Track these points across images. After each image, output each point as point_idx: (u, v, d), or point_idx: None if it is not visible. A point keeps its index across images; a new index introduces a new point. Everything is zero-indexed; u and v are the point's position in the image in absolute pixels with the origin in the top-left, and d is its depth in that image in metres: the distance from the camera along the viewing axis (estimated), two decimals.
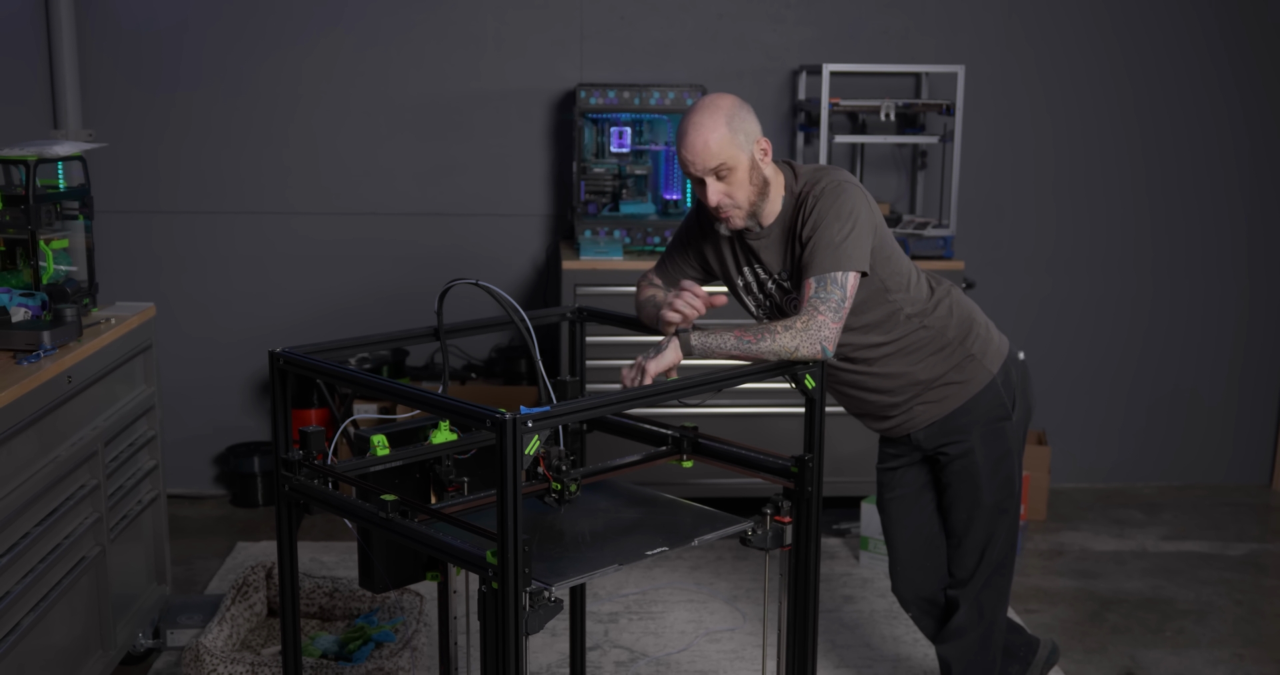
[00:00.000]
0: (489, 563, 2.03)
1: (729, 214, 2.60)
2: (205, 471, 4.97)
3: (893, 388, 2.79)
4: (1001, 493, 2.86)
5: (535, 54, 4.76)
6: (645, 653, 3.61)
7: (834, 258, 2.50)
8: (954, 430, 2.82)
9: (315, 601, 3.63)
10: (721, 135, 2.51)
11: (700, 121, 2.53)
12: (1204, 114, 4.97)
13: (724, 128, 2.52)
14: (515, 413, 1.99)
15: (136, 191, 4.73)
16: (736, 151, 2.53)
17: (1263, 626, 3.88)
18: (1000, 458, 2.85)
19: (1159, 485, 5.21)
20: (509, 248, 4.88)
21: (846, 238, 2.51)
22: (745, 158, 2.55)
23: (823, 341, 2.45)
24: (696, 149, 2.53)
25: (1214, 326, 5.13)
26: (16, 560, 2.66)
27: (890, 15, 4.83)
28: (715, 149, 2.52)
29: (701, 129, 2.52)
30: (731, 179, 2.55)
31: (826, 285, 2.49)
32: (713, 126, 2.52)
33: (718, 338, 2.48)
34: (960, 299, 2.83)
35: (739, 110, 2.55)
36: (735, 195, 2.57)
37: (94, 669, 3.07)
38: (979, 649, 2.95)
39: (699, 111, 2.54)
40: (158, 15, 4.63)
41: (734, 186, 2.56)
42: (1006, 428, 2.84)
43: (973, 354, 2.79)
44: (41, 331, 2.86)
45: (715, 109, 2.54)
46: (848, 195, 2.55)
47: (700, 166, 2.54)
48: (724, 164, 2.53)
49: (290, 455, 2.41)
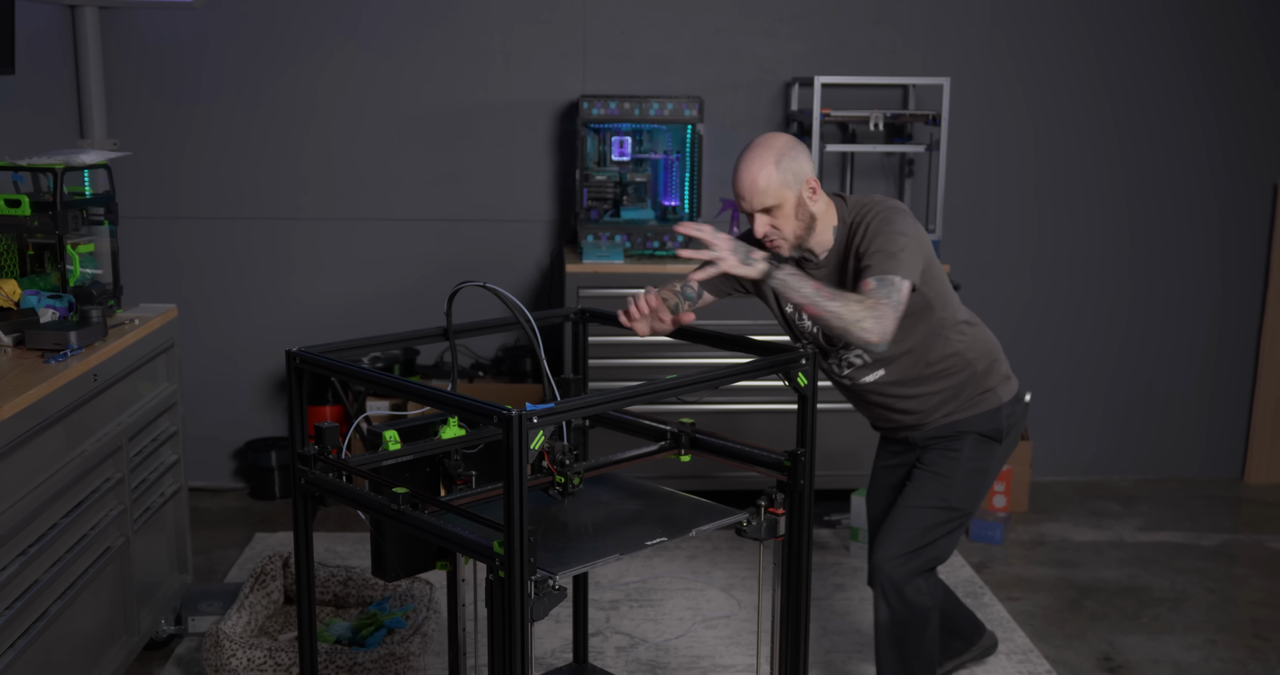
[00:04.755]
0: (496, 552, 2.04)
1: (776, 244, 2.65)
2: (225, 465, 4.97)
3: (920, 409, 2.84)
4: (965, 501, 2.86)
5: (540, 67, 4.76)
6: (645, 638, 3.61)
7: (890, 263, 2.52)
8: (950, 435, 2.87)
9: (330, 589, 3.63)
10: (770, 175, 2.55)
11: (751, 160, 2.56)
12: (1178, 123, 4.97)
13: (773, 168, 2.55)
14: (521, 409, 1.99)
15: (159, 198, 4.73)
16: (784, 191, 2.57)
17: (1234, 613, 3.88)
18: (976, 471, 2.86)
19: (1135, 478, 5.21)
20: (515, 252, 4.88)
21: (902, 249, 2.54)
22: (792, 196, 2.58)
23: (883, 332, 2.45)
24: (745, 187, 2.57)
25: (1188, 327, 5.13)
26: (45, 550, 2.66)
27: (879, 30, 4.82)
28: (763, 188, 2.56)
29: (752, 168, 2.56)
30: (778, 215, 2.60)
31: (886, 284, 2.50)
32: (762, 166, 2.55)
33: (798, 280, 2.48)
34: (987, 334, 2.87)
35: (789, 150, 2.57)
36: (782, 229, 2.62)
37: (118, 654, 3.07)
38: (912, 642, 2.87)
39: (752, 150, 2.58)
40: (180, 31, 4.63)
41: (781, 221, 2.61)
42: (994, 448, 2.87)
43: (992, 388, 2.83)
44: (68, 332, 2.86)
45: (767, 149, 2.57)
46: (901, 218, 2.61)
47: (749, 205, 2.59)
48: (771, 205, 2.58)
49: (306, 450, 2.41)
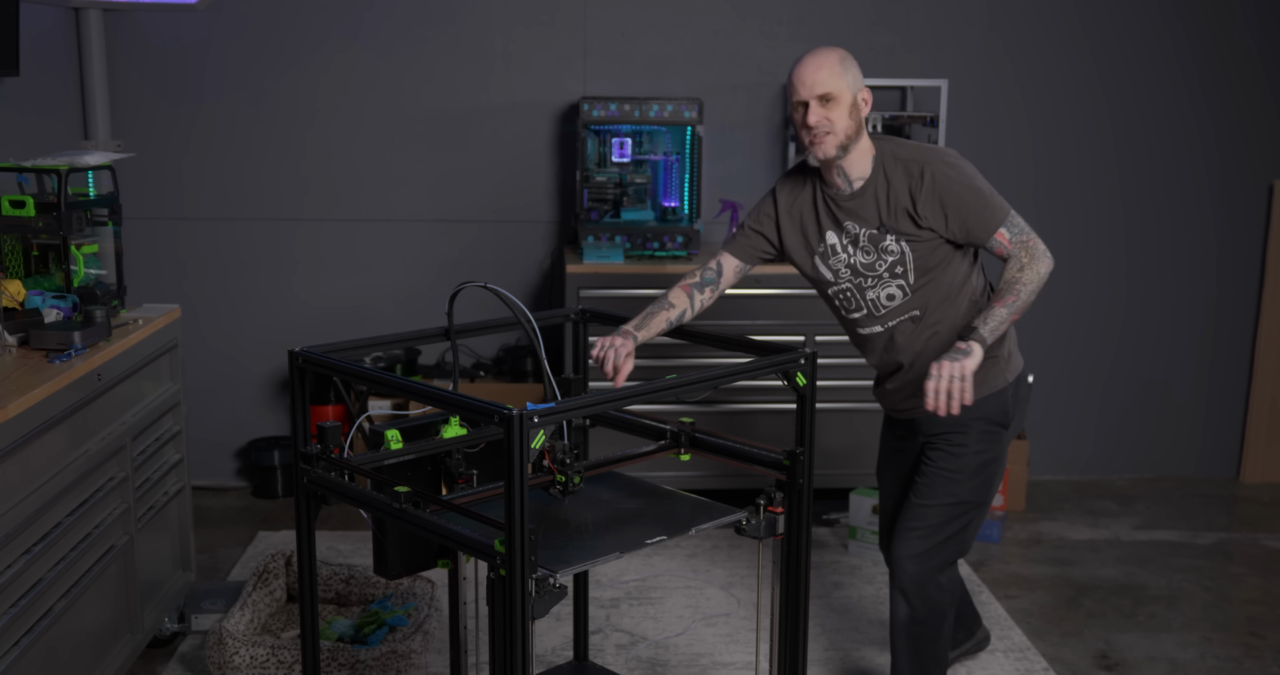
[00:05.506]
0: (497, 551, 2.04)
1: (822, 139, 2.70)
2: (228, 464, 4.97)
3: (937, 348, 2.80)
4: (977, 495, 2.86)
5: (541, 69, 4.76)
6: (645, 636, 3.61)
7: (994, 209, 2.69)
8: (956, 422, 2.82)
9: (332, 588, 3.64)
10: (834, 68, 2.69)
11: (818, 54, 2.72)
12: (1174, 124, 4.97)
13: (838, 65, 2.69)
14: (522, 409, 1.99)
15: (163, 199, 4.73)
16: (843, 85, 2.69)
17: (1230, 611, 3.88)
18: (987, 462, 2.85)
19: (1132, 477, 5.21)
20: (516, 252, 4.88)
21: (988, 192, 2.70)
22: (849, 95, 2.70)
23: (1048, 257, 2.68)
24: (809, 70, 2.69)
25: (1184, 327, 5.13)
26: (49, 549, 2.66)
27: (877, 32, 4.82)
28: (825, 76, 2.68)
29: (818, 57, 2.70)
30: (833, 108, 2.69)
31: (1012, 225, 2.70)
32: (828, 57, 2.70)
33: (994, 318, 2.61)
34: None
35: (850, 60, 2.74)
36: (834, 121, 2.68)
37: (122, 652, 3.07)
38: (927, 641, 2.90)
39: (817, 49, 2.74)
40: (183, 32, 4.63)
41: (834, 114, 2.68)
42: (1002, 436, 2.86)
43: (997, 356, 2.83)
44: (72, 332, 2.86)
45: (831, 50, 2.72)
46: (964, 164, 2.74)
47: (808, 90, 2.68)
48: (830, 93, 2.67)
49: (308, 449, 2.41)
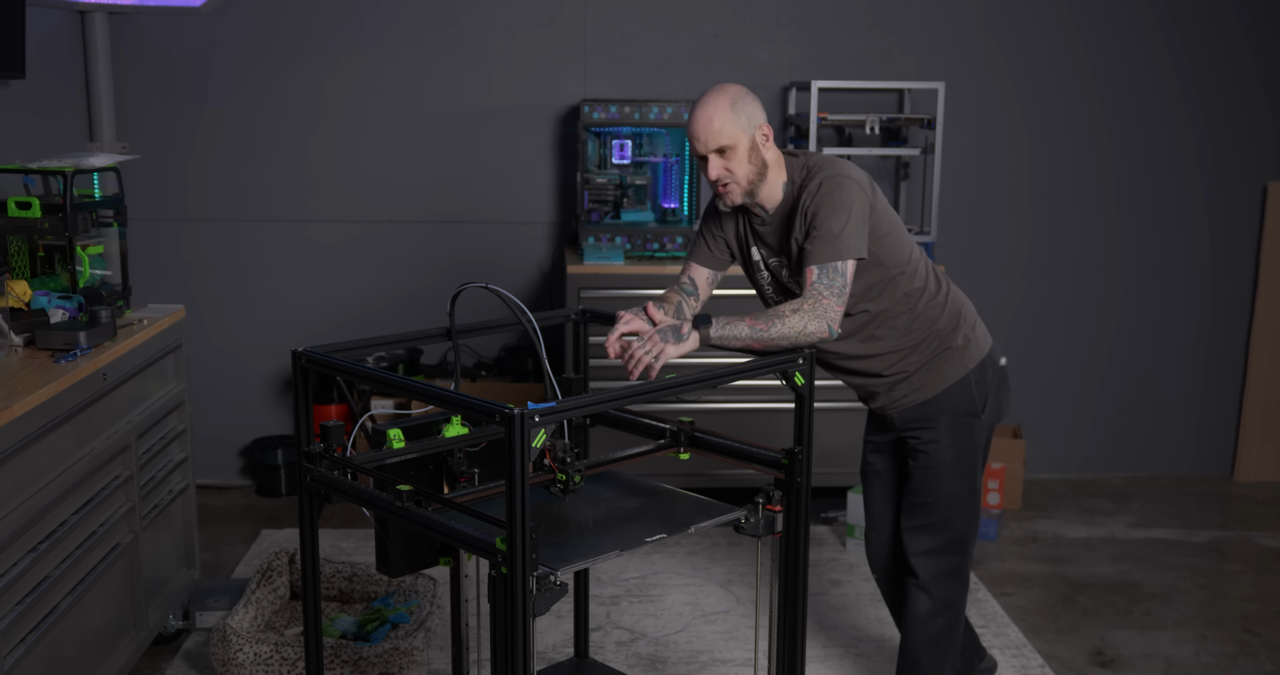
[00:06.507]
0: (498, 549, 2.04)
1: (728, 189, 2.64)
2: (232, 463, 4.97)
3: (878, 370, 2.80)
4: (963, 485, 2.85)
5: (542, 71, 4.76)
6: (645, 633, 3.61)
7: (833, 249, 2.54)
8: (924, 417, 2.82)
9: (335, 585, 3.64)
10: (725, 117, 2.57)
11: (707, 103, 2.59)
12: (1169, 126, 4.97)
13: (728, 111, 2.58)
14: (523, 408, 1.99)
15: (167, 200, 4.73)
16: (738, 132, 2.58)
17: (1224, 609, 3.88)
18: (963, 452, 2.84)
19: (1127, 476, 5.21)
20: (517, 253, 4.88)
21: (844, 229, 2.55)
22: (746, 139, 2.60)
23: (829, 322, 2.51)
24: (700, 127, 2.58)
25: (1178, 327, 5.14)
26: (55, 547, 2.66)
27: (875, 35, 4.83)
28: (718, 128, 2.57)
29: (707, 109, 2.58)
30: (732, 157, 2.60)
31: (828, 273, 2.54)
32: (717, 108, 2.58)
33: (733, 328, 2.50)
34: (957, 295, 2.85)
35: (744, 97, 2.61)
36: (735, 172, 2.61)
37: (127, 649, 3.07)
38: (945, 633, 2.92)
39: (708, 95, 2.61)
40: (188, 35, 4.63)
41: (734, 164, 2.61)
42: (974, 424, 2.84)
43: (953, 346, 2.79)
44: (78, 332, 2.87)
45: (722, 94, 2.60)
46: (843, 189, 2.59)
47: (704, 146, 2.60)
48: (725, 144, 2.58)
49: (312, 448, 2.41)
